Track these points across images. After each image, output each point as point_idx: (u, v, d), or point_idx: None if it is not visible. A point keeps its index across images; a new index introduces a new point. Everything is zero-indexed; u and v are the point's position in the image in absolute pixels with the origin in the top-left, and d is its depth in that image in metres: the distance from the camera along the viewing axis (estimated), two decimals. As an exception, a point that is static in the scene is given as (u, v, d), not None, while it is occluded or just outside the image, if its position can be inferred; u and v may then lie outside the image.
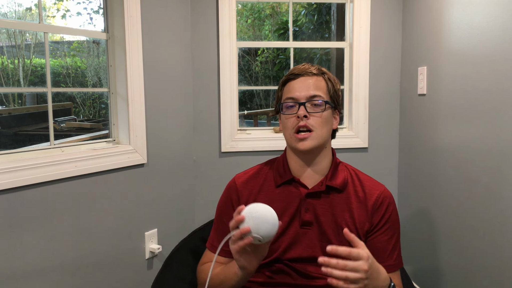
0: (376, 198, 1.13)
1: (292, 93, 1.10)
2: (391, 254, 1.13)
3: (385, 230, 1.12)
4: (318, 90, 1.09)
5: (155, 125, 1.86)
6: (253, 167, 1.23)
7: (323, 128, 1.09)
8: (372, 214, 1.11)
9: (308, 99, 1.08)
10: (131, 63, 1.72)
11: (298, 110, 1.07)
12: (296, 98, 1.09)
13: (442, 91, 1.80)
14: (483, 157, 1.54)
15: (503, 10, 1.42)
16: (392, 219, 1.13)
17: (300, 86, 1.10)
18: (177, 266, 1.40)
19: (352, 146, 2.20)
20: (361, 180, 1.17)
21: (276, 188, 1.15)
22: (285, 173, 1.15)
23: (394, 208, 1.15)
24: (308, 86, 1.09)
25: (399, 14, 2.19)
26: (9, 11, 2.81)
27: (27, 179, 1.37)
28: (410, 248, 2.15)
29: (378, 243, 1.11)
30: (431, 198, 1.92)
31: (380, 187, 1.16)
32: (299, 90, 1.09)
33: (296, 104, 1.09)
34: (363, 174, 1.21)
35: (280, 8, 6.76)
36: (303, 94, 1.09)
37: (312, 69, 1.13)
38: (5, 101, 3.40)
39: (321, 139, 1.09)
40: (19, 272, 1.38)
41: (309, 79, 1.11)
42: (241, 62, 6.45)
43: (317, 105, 1.08)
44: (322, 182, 1.12)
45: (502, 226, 1.45)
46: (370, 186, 1.15)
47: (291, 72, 1.14)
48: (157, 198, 1.88)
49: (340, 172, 1.16)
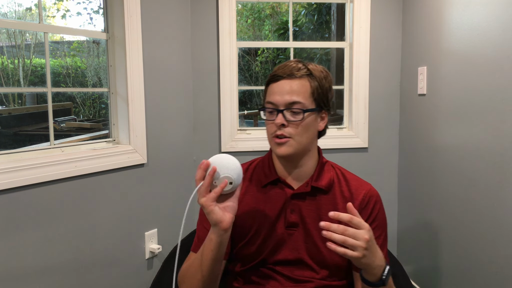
0: (363, 197, 1.09)
1: (272, 97, 1.05)
2: None
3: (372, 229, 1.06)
4: (299, 95, 1.02)
5: (155, 125, 1.86)
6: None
7: (303, 135, 1.04)
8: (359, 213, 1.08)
9: (287, 106, 1.02)
10: (131, 63, 1.72)
11: (276, 117, 1.03)
12: (275, 103, 1.03)
13: (442, 91, 1.80)
14: (483, 157, 1.54)
15: (503, 10, 1.42)
16: (379, 217, 1.10)
17: (280, 90, 1.03)
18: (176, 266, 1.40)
19: (352, 146, 2.20)
20: (348, 179, 1.14)
21: (262, 188, 1.12)
22: (271, 173, 1.12)
23: (381, 207, 1.12)
24: (289, 91, 1.02)
25: (399, 14, 2.19)
26: (9, 11, 2.81)
27: (27, 179, 1.37)
28: (410, 248, 2.15)
29: None
30: (431, 198, 1.92)
31: (366, 186, 1.12)
32: (279, 95, 1.03)
33: (275, 111, 1.03)
34: (349, 173, 1.17)
35: (280, 8, 6.76)
36: (282, 101, 1.02)
37: (296, 71, 1.05)
38: (5, 101, 3.40)
39: (300, 145, 1.05)
40: (19, 272, 1.38)
41: (291, 83, 1.03)
42: (241, 62, 6.45)
43: (296, 113, 1.03)
44: (308, 183, 1.09)
45: (502, 225, 1.45)
46: (356, 186, 1.12)
47: (274, 72, 1.07)
48: (157, 198, 1.88)
49: (326, 172, 1.13)
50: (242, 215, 1.09)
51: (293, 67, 1.05)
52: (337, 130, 2.27)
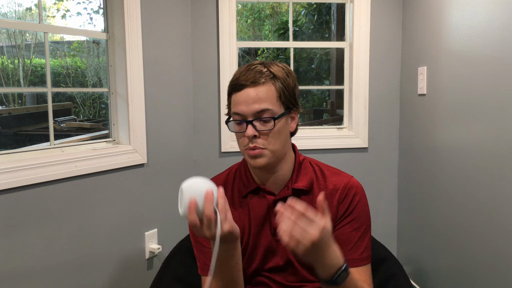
0: (341, 190, 1.05)
1: (238, 107, 0.98)
2: (355, 247, 1.02)
3: (349, 221, 1.04)
4: (266, 102, 0.97)
5: (155, 125, 1.86)
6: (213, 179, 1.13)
7: (276, 142, 0.99)
8: (338, 207, 1.05)
9: (256, 116, 0.97)
10: (131, 63, 1.72)
11: (246, 129, 0.97)
12: (243, 114, 0.98)
13: (442, 91, 1.80)
14: (483, 157, 1.54)
15: (503, 10, 1.42)
16: (359, 209, 1.05)
17: (245, 99, 0.97)
18: (175, 267, 1.40)
19: (352, 146, 2.20)
20: (326, 176, 1.09)
21: (243, 199, 1.08)
22: (249, 182, 1.08)
23: (361, 198, 1.06)
24: (255, 99, 0.96)
25: (399, 14, 2.19)
26: (9, 11, 2.81)
27: (27, 179, 1.37)
28: (410, 248, 2.15)
29: (342, 235, 1.03)
30: (431, 198, 1.92)
31: (345, 179, 1.07)
32: (245, 105, 0.97)
33: (243, 122, 0.98)
34: (328, 168, 1.12)
35: (280, 8, 6.75)
36: (250, 110, 0.96)
37: (258, 76, 0.98)
38: (5, 101, 3.39)
39: (275, 154, 1.00)
40: (19, 272, 1.38)
41: (256, 90, 0.97)
42: (241, 62, 6.45)
43: (266, 121, 0.97)
44: (288, 186, 1.06)
45: (502, 225, 1.45)
46: (334, 182, 1.07)
47: (236, 81, 1.00)
48: (157, 198, 1.88)
49: (305, 171, 1.08)
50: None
51: (255, 72, 0.98)
52: (337, 130, 2.27)
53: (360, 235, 1.03)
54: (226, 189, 1.09)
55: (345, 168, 1.21)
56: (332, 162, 1.21)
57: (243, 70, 1.01)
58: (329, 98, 5.40)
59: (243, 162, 1.12)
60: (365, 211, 1.07)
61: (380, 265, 1.39)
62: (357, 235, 1.03)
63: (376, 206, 2.25)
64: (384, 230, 2.27)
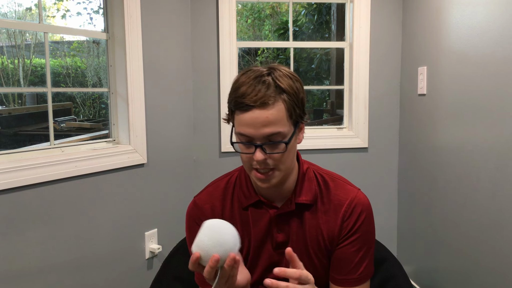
0: (346, 209, 1.01)
1: (244, 129, 0.89)
2: (355, 268, 1.00)
3: (352, 241, 1.00)
4: (276, 125, 0.88)
5: (155, 125, 1.86)
6: (211, 185, 1.11)
7: (286, 161, 0.93)
8: (341, 225, 1.01)
9: (266, 139, 0.89)
10: (131, 63, 1.72)
11: (255, 152, 0.89)
12: (251, 136, 0.89)
13: (442, 91, 1.80)
14: (483, 157, 1.54)
15: (503, 10, 1.42)
16: (363, 229, 1.00)
17: (253, 122, 0.87)
18: (175, 266, 1.40)
19: (352, 146, 2.20)
20: (330, 189, 1.03)
21: (243, 210, 1.04)
22: (250, 194, 1.03)
23: (367, 217, 1.01)
24: (265, 122, 0.87)
25: (399, 14, 2.19)
26: (9, 11, 2.81)
27: (27, 179, 1.37)
28: (410, 248, 2.15)
29: (343, 254, 1.00)
30: (431, 198, 1.92)
31: (351, 194, 1.02)
32: (253, 128, 0.88)
33: (252, 145, 0.90)
34: (332, 179, 1.06)
35: (280, 8, 6.75)
36: (259, 134, 0.88)
37: (268, 97, 0.87)
38: (5, 101, 3.39)
39: (285, 172, 0.95)
40: (19, 272, 1.38)
41: (265, 113, 0.87)
42: (241, 62, 6.45)
43: (276, 144, 0.90)
44: (291, 200, 1.01)
45: (501, 225, 1.45)
46: (339, 196, 1.02)
47: (241, 100, 0.88)
48: (157, 198, 1.88)
49: (308, 184, 1.03)
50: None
51: (264, 92, 0.87)
52: (337, 130, 2.27)
53: (361, 255, 1.01)
54: (225, 200, 1.05)
55: (345, 168, 1.21)
56: (332, 162, 1.22)
57: (248, 87, 0.89)
58: (329, 98, 5.40)
59: (244, 170, 1.06)
60: (370, 231, 1.03)
61: (380, 265, 1.39)
62: (358, 255, 1.00)
63: (376, 206, 2.24)
64: (384, 230, 2.27)
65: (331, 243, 1.02)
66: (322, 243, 1.02)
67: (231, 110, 0.94)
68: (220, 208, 1.05)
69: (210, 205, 1.06)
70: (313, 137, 2.18)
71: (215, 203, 1.06)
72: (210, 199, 1.07)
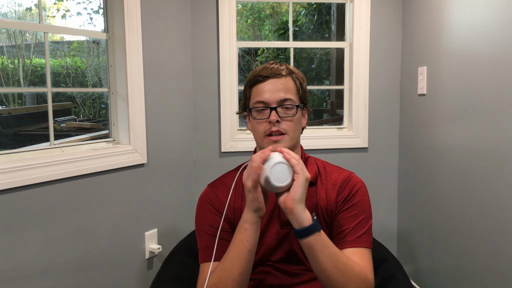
0: (342, 182, 1.12)
1: (261, 96, 1.07)
2: (353, 231, 1.06)
3: (347, 207, 1.09)
4: (288, 92, 1.07)
5: (155, 125, 1.86)
6: (224, 175, 1.22)
7: (295, 130, 1.08)
8: (337, 197, 1.11)
9: (279, 103, 1.06)
10: (131, 63, 1.72)
11: (270, 115, 1.05)
12: (267, 102, 1.06)
13: (442, 91, 1.80)
14: (483, 157, 1.54)
15: (503, 10, 1.42)
16: (358, 199, 1.09)
17: (270, 89, 1.06)
18: (175, 266, 1.40)
19: (352, 146, 2.20)
20: (328, 172, 1.16)
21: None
22: None
23: (361, 191, 1.11)
24: (279, 89, 1.06)
25: (399, 14, 2.19)
26: (9, 11, 2.81)
27: (27, 179, 1.37)
28: (410, 248, 2.15)
29: (341, 219, 1.08)
30: (431, 198, 1.92)
31: (346, 173, 1.15)
32: (269, 94, 1.06)
33: (267, 109, 1.06)
34: (330, 166, 1.19)
35: (280, 8, 6.75)
36: (274, 98, 1.06)
37: (281, 69, 1.09)
38: (5, 101, 3.39)
39: (293, 140, 1.08)
40: (19, 272, 1.38)
41: (279, 81, 1.07)
42: (241, 62, 6.45)
43: (288, 108, 1.07)
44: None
45: (501, 225, 1.45)
46: (335, 176, 1.14)
47: (259, 73, 1.09)
48: (157, 198, 1.88)
49: (310, 166, 1.15)
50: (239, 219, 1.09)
51: (277, 67, 1.09)
52: (337, 130, 2.27)
53: (358, 221, 1.07)
54: (237, 183, 1.14)
55: (345, 168, 1.21)
56: (332, 162, 1.23)
57: (262, 68, 1.10)
58: (329, 98, 5.40)
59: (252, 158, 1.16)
60: (365, 200, 1.11)
61: (380, 265, 1.40)
62: (355, 221, 1.07)
63: (376, 206, 2.25)
64: (384, 230, 2.27)
65: (330, 217, 1.10)
66: (322, 217, 1.10)
67: (248, 89, 1.12)
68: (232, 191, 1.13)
69: (223, 190, 1.14)
70: (313, 137, 2.18)
71: (227, 188, 1.14)
72: (223, 185, 1.16)
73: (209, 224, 1.11)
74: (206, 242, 1.10)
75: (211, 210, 1.13)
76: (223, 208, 1.10)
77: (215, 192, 1.15)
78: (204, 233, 1.11)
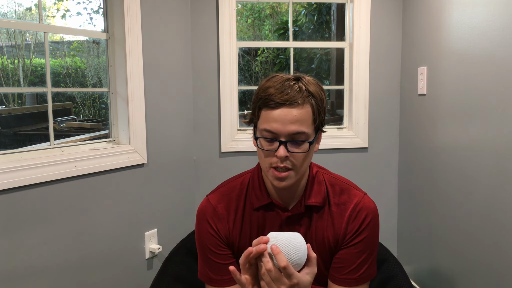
0: (351, 212, 1.04)
1: (271, 125, 0.93)
2: (356, 269, 1.02)
3: (355, 243, 1.03)
4: (302, 125, 0.93)
5: (155, 125, 1.86)
6: (224, 185, 1.13)
7: (304, 164, 0.97)
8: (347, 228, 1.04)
9: (290, 137, 0.93)
10: (131, 63, 1.72)
11: (278, 149, 0.93)
12: (276, 133, 0.93)
13: (442, 91, 1.80)
14: (483, 157, 1.54)
15: (503, 10, 1.42)
16: (367, 233, 1.03)
17: (282, 119, 0.92)
18: (175, 266, 1.40)
19: (352, 146, 2.20)
20: (337, 192, 1.07)
21: (254, 211, 1.07)
22: (262, 196, 1.05)
23: (372, 220, 1.04)
24: (292, 120, 0.92)
25: (399, 14, 2.19)
26: (9, 11, 2.81)
27: (27, 179, 1.37)
28: (410, 248, 2.15)
29: (346, 254, 1.03)
30: (431, 198, 1.92)
31: (356, 198, 1.06)
32: (281, 124, 0.92)
33: (276, 141, 0.94)
34: (339, 184, 1.09)
35: (280, 8, 6.75)
36: (285, 131, 0.92)
37: (298, 97, 0.92)
38: (5, 101, 3.39)
39: (300, 175, 0.99)
40: (19, 272, 1.38)
41: (293, 111, 0.92)
42: (241, 62, 6.45)
43: (299, 144, 0.94)
44: (301, 202, 1.04)
45: (502, 226, 1.45)
46: (345, 200, 1.06)
47: (271, 98, 0.93)
48: (157, 198, 1.88)
49: (318, 187, 1.06)
50: (243, 241, 1.06)
51: (292, 95, 0.93)
52: (337, 130, 2.27)
53: (364, 257, 1.02)
54: (238, 200, 1.08)
55: (345, 168, 1.21)
56: (332, 162, 1.22)
57: (278, 86, 0.94)
58: (329, 98, 5.40)
59: (257, 172, 1.08)
60: (374, 235, 1.05)
61: (380, 265, 1.39)
62: (361, 257, 1.02)
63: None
64: (384, 230, 2.27)
65: (336, 245, 1.05)
66: (327, 245, 1.05)
67: (257, 109, 0.97)
68: (233, 208, 1.08)
69: (223, 205, 1.08)
70: (313, 137, 2.18)
71: (228, 203, 1.08)
72: (223, 199, 1.09)
73: (207, 246, 1.06)
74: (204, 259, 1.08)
75: (209, 231, 1.07)
76: (222, 226, 1.06)
77: (214, 208, 1.08)
78: (202, 250, 1.08)
